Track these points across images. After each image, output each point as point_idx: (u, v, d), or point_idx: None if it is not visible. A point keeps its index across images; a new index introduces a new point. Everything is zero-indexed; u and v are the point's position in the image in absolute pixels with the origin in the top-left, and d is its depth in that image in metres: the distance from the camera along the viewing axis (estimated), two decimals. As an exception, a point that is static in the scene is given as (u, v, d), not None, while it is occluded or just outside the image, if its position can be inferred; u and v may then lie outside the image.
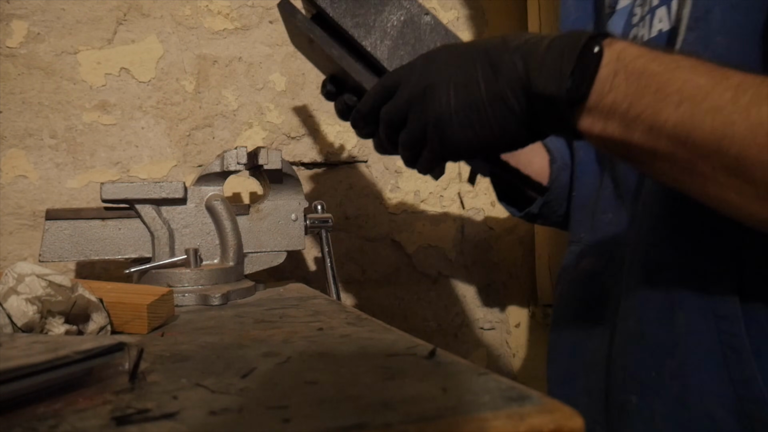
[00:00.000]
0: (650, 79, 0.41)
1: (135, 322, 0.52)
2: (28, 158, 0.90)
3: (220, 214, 0.76)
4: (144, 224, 0.74)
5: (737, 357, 0.48)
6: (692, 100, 0.40)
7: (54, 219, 0.73)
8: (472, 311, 1.13)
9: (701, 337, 0.50)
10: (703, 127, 0.40)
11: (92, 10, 0.93)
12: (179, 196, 0.75)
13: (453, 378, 0.35)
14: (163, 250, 0.73)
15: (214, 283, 0.71)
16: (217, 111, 0.99)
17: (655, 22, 0.61)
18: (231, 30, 0.99)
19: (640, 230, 0.59)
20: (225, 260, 0.76)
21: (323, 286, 0.88)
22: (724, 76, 0.40)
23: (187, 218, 0.76)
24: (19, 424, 0.29)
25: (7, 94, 0.89)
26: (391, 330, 0.50)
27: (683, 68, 0.41)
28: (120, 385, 0.35)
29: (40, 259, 0.72)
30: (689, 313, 0.52)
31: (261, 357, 0.42)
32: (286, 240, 0.81)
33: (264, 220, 0.80)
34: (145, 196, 0.73)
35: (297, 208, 0.82)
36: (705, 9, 0.53)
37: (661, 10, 0.61)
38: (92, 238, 0.73)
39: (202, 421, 0.29)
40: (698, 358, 0.51)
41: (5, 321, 0.44)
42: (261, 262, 0.80)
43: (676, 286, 0.53)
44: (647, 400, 0.54)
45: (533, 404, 0.30)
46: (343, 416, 0.29)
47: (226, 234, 0.76)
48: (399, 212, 1.08)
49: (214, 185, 0.78)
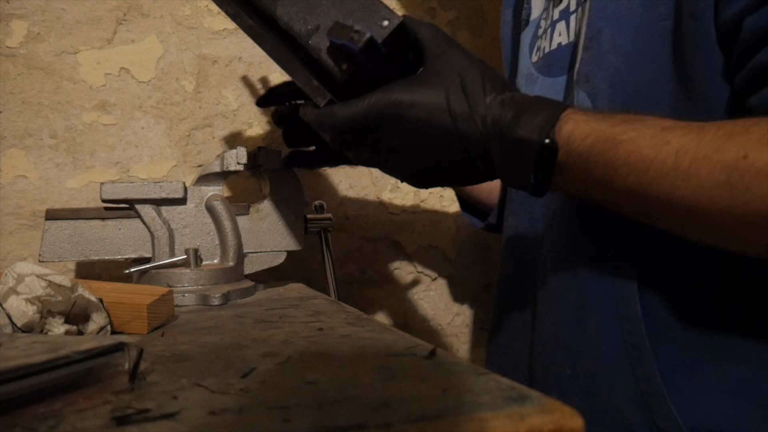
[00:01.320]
0: (598, 157, 0.45)
1: (135, 322, 0.52)
2: (27, 158, 0.90)
3: (220, 214, 0.76)
4: (144, 224, 0.74)
5: (639, 354, 0.52)
6: (638, 172, 0.44)
7: (54, 219, 0.72)
8: (472, 311, 1.13)
9: (608, 337, 0.55)
10: (651, 193, 0.44)
11: (92, 10, 0.93)
12: (179, 196, 0.75)
13: (453, 378, 0.35)
14: (163, 250, 0.73)
15: (214, 283, 0.71)
16: (217, 111, 0.99)
17: (555, 36, 0.64)
18: (231, 30, 0.99)
19: (550, 237, 0.62)
20: (225, 260, 0.76)
21: (323, 286, 0.88)
22: (665, 141, 0.43)
23: (187, 218, 0.76)
24: (19, 424, 0.29)
25: (7, 94, 0.89)
26: (391, 330, 0.50)
27: (625, 141, 0.44)
28: (120, 385, 0.35)
29: (39, 259, 0.72)
30: (598, 315, 0.56)
31: (261, 357, 0.42)
32: (286, 240, 0.81)
33: (264, 220, 0.80)
34: (144, 196, 0.73)
35: (297, 208, 0.82)
36: (597, 29, 0.56)
37: (561, 25, 0.63)
38: (92, 238, 0.73)
39: (202, 421, 0.29)
40: (607, 357, 0.55)
41: (5, 321, 0.45)
42: (261, 262, 0.80)
43: (585, 290, 0.57)
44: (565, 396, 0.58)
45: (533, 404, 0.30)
46: (343, 416, 0.29)
47: (226, 234, 0.76)
48: (399, 212, 1.08)
49: (214, 185, 0.78)
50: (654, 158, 0.43)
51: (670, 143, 0.42)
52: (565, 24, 0.62)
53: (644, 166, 0.43)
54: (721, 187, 0.40)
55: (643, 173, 0.43)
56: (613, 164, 0.45)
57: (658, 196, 0.43)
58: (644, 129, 0.44)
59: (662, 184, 0.43)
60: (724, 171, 0.40)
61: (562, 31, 0.63)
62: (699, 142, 0.41)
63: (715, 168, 0.40)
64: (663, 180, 0.43)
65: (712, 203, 0.41)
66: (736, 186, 0.40)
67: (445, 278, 1.11)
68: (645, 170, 0.43)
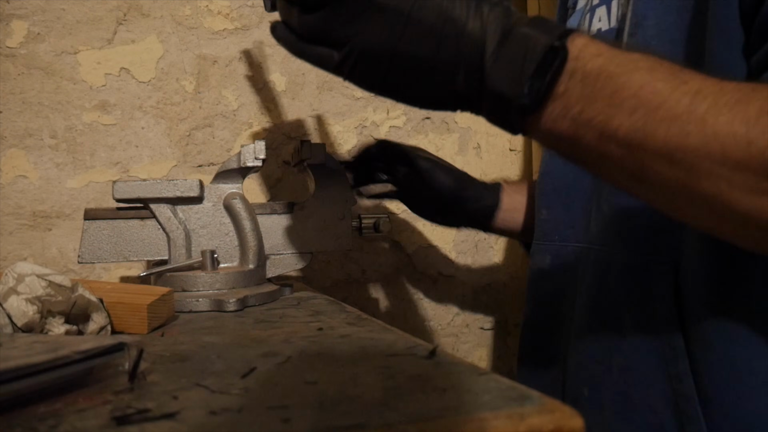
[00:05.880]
0: (606, 81, 0.39)
1: (135, 322, 0.52)
2: (28, 158, 0.90)
3: (239, 214, 0.72)
4: (159, 225, 0.70)
5: (673, 353, 0.51)
6: (647, 107, 0.38)
7: (93, 219, 0.69)
8: (472, 311, 1.13)
9: (644, 335, 0.54)
10: (656, 137, 0.38)
11: (92, 10, 0.93)
12: (195, 195, 0.70)
13: (453, 378, 0.35)
14: (179, 252, 0.70)
15: (231, 287, 0.68)
16: (217, 111, 0.99)
17: (594, 21, 0.63)
18: (231, 30, 0.99)
19: (588, 229, 0.61)
20: (244, 263, 0.71)
21: (323, 287, 0.88)
22: (683, 81, 0.38)
23: (204, 218, 0.72)
24: (19, 424, 0.29)
25: (7, 94, 0.89)
26: (391, 330, 0.50)
27: (641, 69, 0.39)
28: (120, 385, 0.35)
29: (79, 260, 0.69)
30: (634, 312, 0.55)
31: (261, 357, 0.42)
32: (333, 240, 0.76)
33: (309, 219, 0.76)
34: (159, 194, 0.69)
35: (344, 206, 0.77)
36: (642, 14, 0.55)
37: (601, 10, 0.63)
38: (131, 238, 0.70)
39: (202, 421, 0.29)
40: (641, 354, 0.54)
41: (5, 321, 0.45)
42: (285, 264, 0.76)
43: (623, 286, 0.56)
44: (597, 392, 0.58)
45: (533, 404, 0.30)
46: (343, 416, 0.29)
47: (246, 234, 0.72)
48: (399, 212, 1.08)
49: (233, 182, 0.73)
50: (669, 95, 0.38)
51: (688, 83, 0.38)
52: (606, 9, 0.61)
53: (656, 101, 0.38)
54: (739, 141, 0.36)
55: (653, 110, 0.38)
56: (621, 94, 0.38)
57: (665, 142, 0.37)
58: (662, 64, 0.39)
59: (671, 128, 0.37)
60: (744, 124, 0.36)
61: (602, 17, 0.62)
62: (721, 89, 0.37)
63: (735, 118, 0.36)
64: (673, 122, 0.37)
65: (725, 156, 0.36)
66: (755, 142, 0.35)
67: (445, 278, 1.11)
68: (656, 107, 0.38)
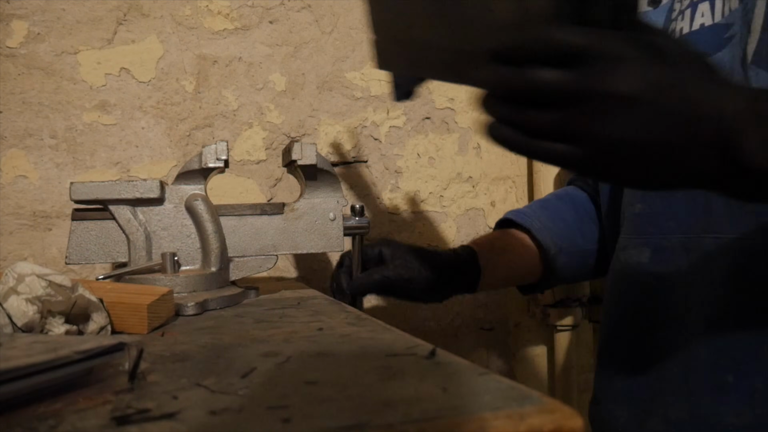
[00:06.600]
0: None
1: (135, 322, 0.52)
2: (28, 158, 0.90)
3: (201, 215, 0.70)
4: (119, 226, 0.68)
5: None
6: None
7: (80, 219, 0.68)
8: (472, 311, 1.13)
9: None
10: None
11: (92, 10, 0.93)
12: (155, 196, 0.68)
13: (453, 378, 0.35)
14: (139, 254, 0.68)
15: (192, 290, 0.66)
16: (217, 111, 0.99)
17: (696, 16, 0.63)
18: (231, 30, 0.99)
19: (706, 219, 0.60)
20: (206, 265, 0.69)
21: (323, 287, 0.88)
22: None
23: (165, 220, 0.70)
24: (19, 424, 0.29)
25: (7, 94, 0.89)
26: (391, 330, 0.50)
27: None
28: (120, 385, 0.35)
29: (66, 261, 0.68)
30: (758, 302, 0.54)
31: (261, 357, 0.41)
32: (323, 241, 0.75)
33: (300, 220, 0.75)
34: (118, 196, 0.67)
35: (335, 207, 0.76)
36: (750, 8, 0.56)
37: (704, 5, 0.62)
38: (119, 239, 0.69)
39: (202, 421, 0.29)
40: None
41: (5, 321, 0.44)
42: (248, 267, 0.73)
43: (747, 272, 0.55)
44: (745, 378, 0.57)
45: (533, 404, 0.30)
46: (343, 416, 0.29)
47: (208, 236, 0.70)
48: (399, 212, 1.08)
49: (195, 183, 0.71)
50: None
51: None
52: (710, 5, 0.61)
53: None
54: None
55: None
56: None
57: None
58: None
59: None
60: None
61: (705, 12, 0.62)
62: None
63: None
64: None
65: None
66: None
67: (445, 278, 1.11)
68: None
